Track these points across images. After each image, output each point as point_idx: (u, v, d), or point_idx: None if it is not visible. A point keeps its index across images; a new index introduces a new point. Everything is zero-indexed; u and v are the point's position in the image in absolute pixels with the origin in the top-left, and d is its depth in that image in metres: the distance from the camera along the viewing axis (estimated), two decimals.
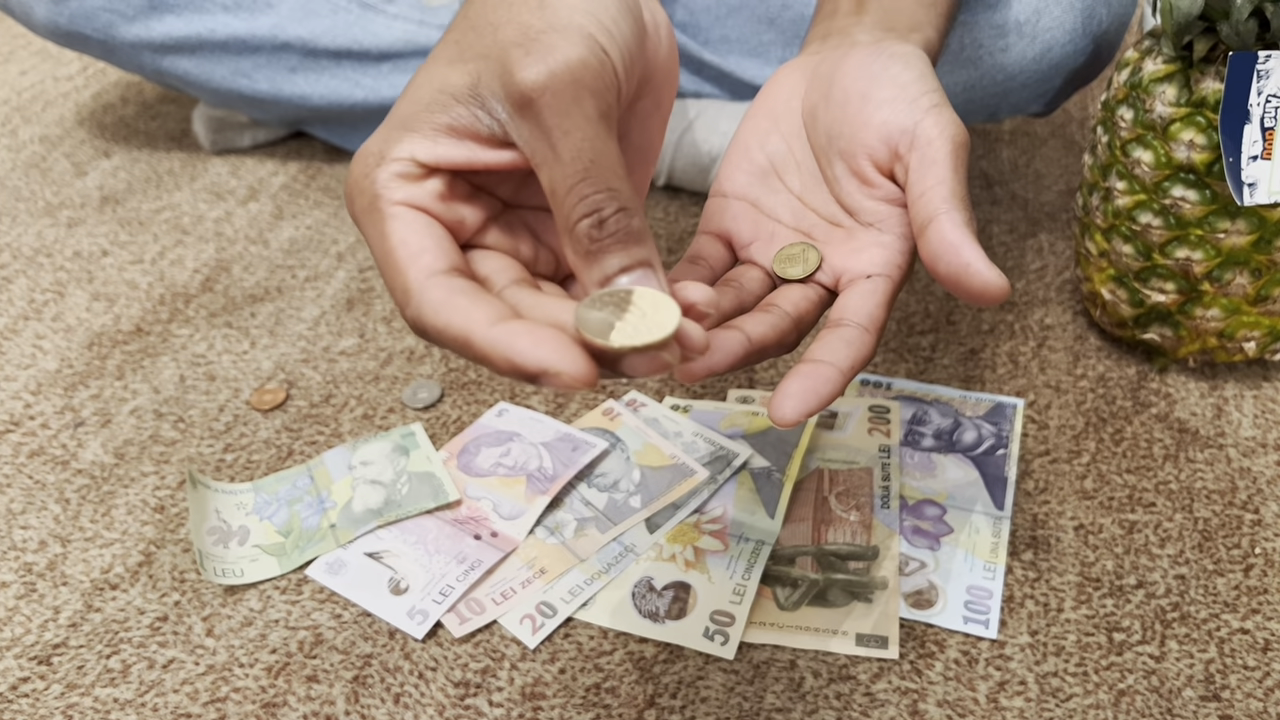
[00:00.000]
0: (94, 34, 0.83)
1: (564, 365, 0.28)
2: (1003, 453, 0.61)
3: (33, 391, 0.69)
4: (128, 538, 0.58)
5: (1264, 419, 0.63)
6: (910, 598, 0.53)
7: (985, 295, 0.36)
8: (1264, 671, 0.49)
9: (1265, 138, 0.55)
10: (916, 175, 0.39)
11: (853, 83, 0.42)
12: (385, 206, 0.32)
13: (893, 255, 0.41)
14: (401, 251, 0.31)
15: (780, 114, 0.45)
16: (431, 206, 0.32)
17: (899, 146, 0.40)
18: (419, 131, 0.32)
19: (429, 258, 0.31)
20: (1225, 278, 0.60)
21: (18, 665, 0.52)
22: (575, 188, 0.31)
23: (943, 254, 0.37)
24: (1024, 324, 0.71)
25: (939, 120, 0.40)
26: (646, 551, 0.55)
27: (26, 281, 0.80)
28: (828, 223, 0.43)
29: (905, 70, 0.42)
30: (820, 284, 0.42)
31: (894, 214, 0.42)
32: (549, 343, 0.28)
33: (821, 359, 0.37)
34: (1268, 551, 0.55)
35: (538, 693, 0.49)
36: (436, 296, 0.30)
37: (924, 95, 0.41)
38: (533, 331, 0.29)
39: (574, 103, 0.31)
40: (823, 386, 0.36)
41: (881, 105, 0.41)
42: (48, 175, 0.94)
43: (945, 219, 0.37)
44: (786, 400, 0.36)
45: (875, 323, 0.39)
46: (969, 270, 0.36)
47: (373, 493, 0.59)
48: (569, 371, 0.28)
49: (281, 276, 0.79)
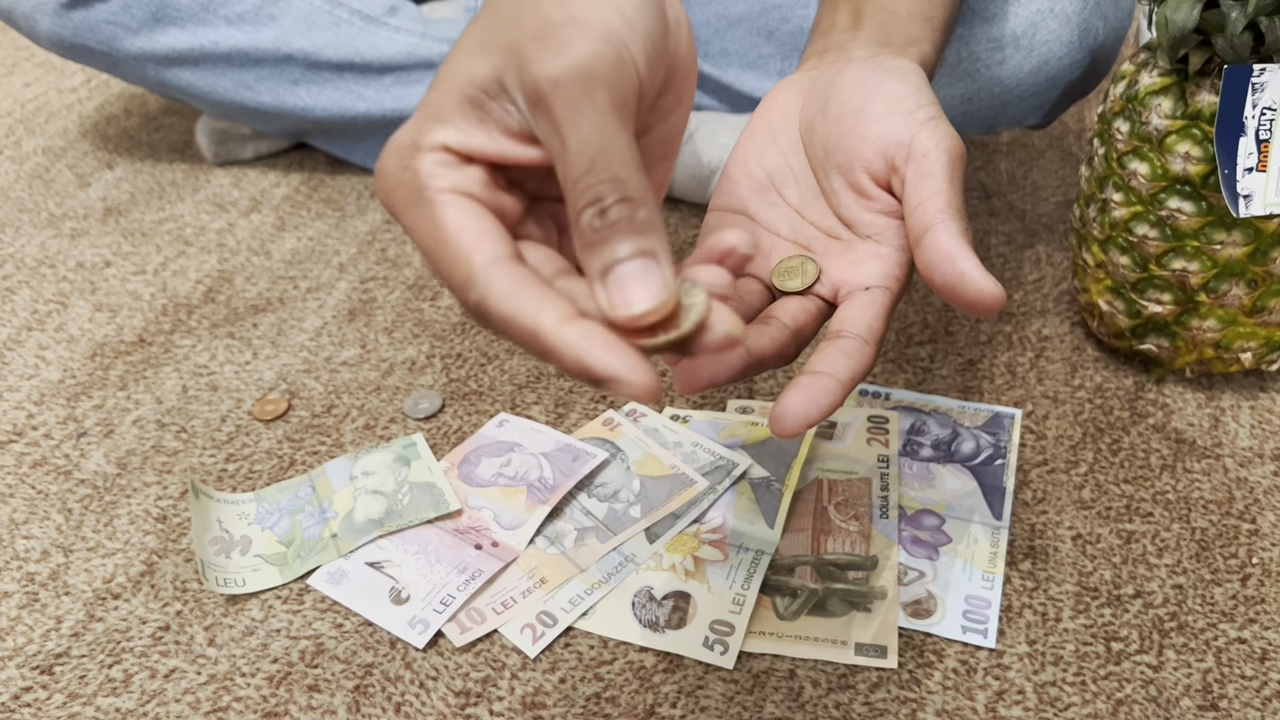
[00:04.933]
0: (98, 46, 0.84)
1: (634, 376, 0.28)
2: (1001, 463, 0.61)
3: (36, 402, 0.69)
4: (130, 547, 0.58)
5: (1261, 429, 0.63)
6: (909, 607, 0.53)
7: (981, 304, 0.36)
8: (1261, 681, 0.49)
9: (1260, 150, 0.56)
10: (913, 187, 0.40)
11: (849, 97, 0.43)
12: (434, 195, 0.31)
13: (891, 267, 0.41)
14: (461, 237, 0.30)
15: (778, 129, 0.46)
16: (480, 194, 0.32)
17: (895, 159, 0.41)
18: (450, 122, 0.32)
19: (491, 242, 0.30)
20: (1221, 289, 0.60)
21: (20, 675, 0.52)
22: (580, 179, 0.30)
23: (939, 264, 0.37)
24: (1022, 335, 0.72)
25: (935, 133, 0.40)
26: (646, 561, 0.56)
27: (30, 292, 0.80)
28: (826, 235, 0.44)
29: (901, 84, 0.42)
30: (819, 296, 0.42)
31: (891, 226, 0.42)
32: (621, 351, 0.28)
33: (822, 370, 0.37)
34: (1265, 561, 0.55)
35: (538, 702, 0.50)
36: (504, 284, 0.30)
37: (920, 109, 0.41)
38: (606, 337, 0.29)
39: (585, 95, 0.30)
40: (823, 398, 0.36)
41: (878, 119, 0.42)
42: (51, 186, 0.94)
43: (941, 229, 0.38)
44: (788, 412, 0.36)
45: (874, 334, 0.39)
46: (965, 279, 0.37)
47: (374, 503, 0.59)
48: (638, 382, 0.28)
49: (283, 287, 0.79)
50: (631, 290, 0.29)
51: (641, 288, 0.29)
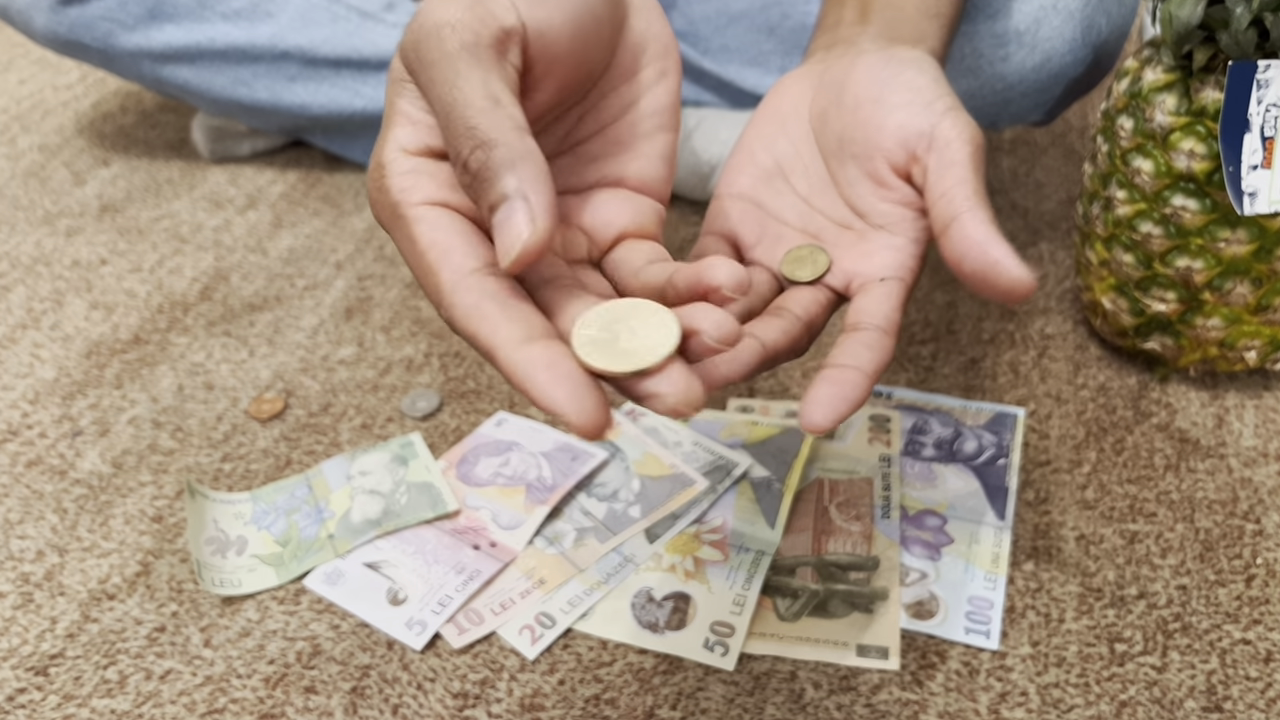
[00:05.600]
0: (93, 43, 0.84)
1: (574, 410, 0.28)
2: (1003, 462, 0.60)
3: (30, 401, 0.69)
4: (125, 548, 0.58)
5: (1265, 429, 0.63)
6: (911, 608, 0.52)
7: (1014, 292, 0.36)
8: (1266, 682, 0.49)
9: (1265, 147, 0.55)
10: (936, 176, 0.39)
11: (865, 87, 0.42)
12: (406, 211, 0.31)
13: (905, 258, 0.41)
14: (432, 254, 0.31)
15: (787, 118, 0.45)
16: (452, 200, 0.32)
17: (917, 149, 0.40)
18: (396, 124, 0.32)
19: (458, 256, 0.30)
20: (1226, 287, 0.60)
21: (14, 676, 0.51)
22: (445, 135, 0.30)
23: (969, 252, 0.37)
24: (1025, 333, 0.71)
25: (956, 122, 0.40)
26: (646, 562, 0.55)
27: (25, 290, 0.79)
28: (836, 225, 0.43)
29: (919, 75, 0.42)
30: (829, 287, 0.42)
31: (906, 216, 0.41)
32: (566, 383, 0.28)
33: (846, 363, 0.37)
34: (1269, 562, 0.55)
35: (537, 704, 0.49)
36: (467, 301, 0.30)
37: (939, 99, 0.41)
38: (553, 367, 0.28)
39: (435, 43, 0.31)
40: (851, 391, 0.36)
41: (896, 108, 0.41)
42: (47, 184, 0.94)
43: (969, 217, 0.37)
44: (817, 407, 0.35)
45: (893, 325, 0.39)
46: (998, 267, 0.36)
47: (371, 503, 0.59)
48: (576, 417, 0.28)
49: (280, 285, 0.79)
50: (508, 234, 0.29)
51: (507, 235, 0.29)
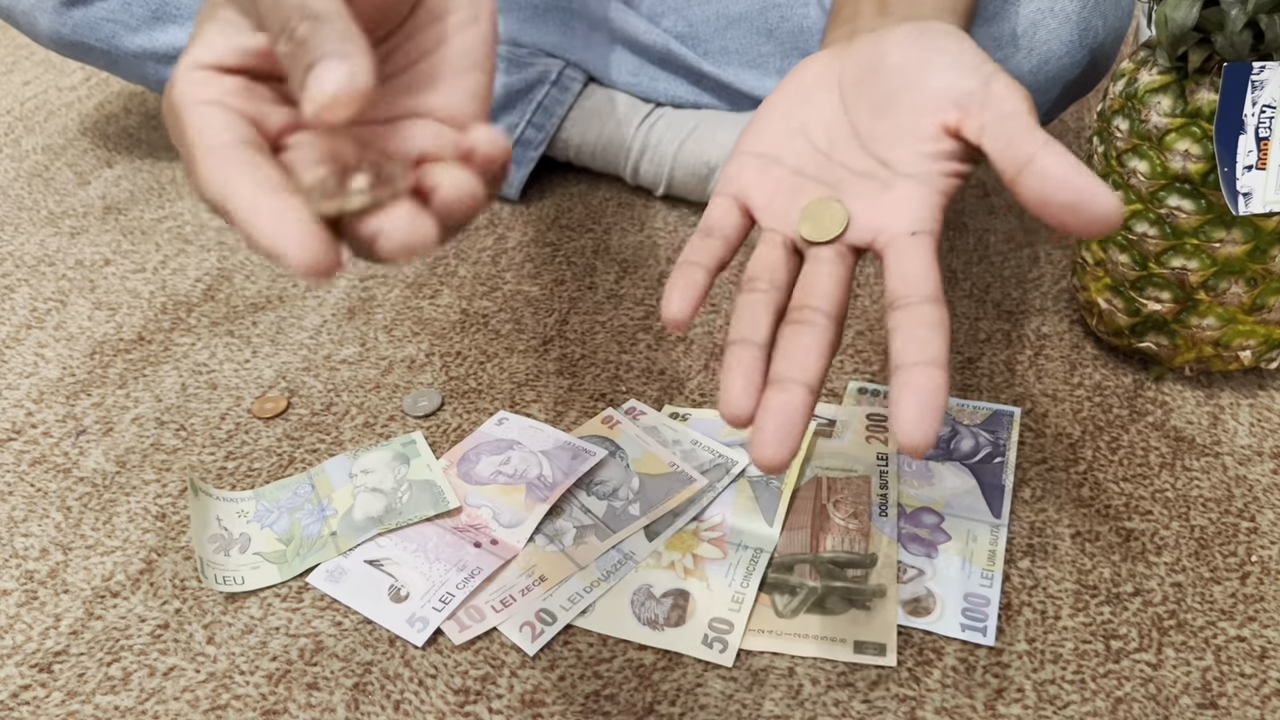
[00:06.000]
0: (97, 44, 0.84)
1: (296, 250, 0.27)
2: (1000, 461, 0.61)
3: (35, 400, 0.69)
4: (129, 545, 0.58)
5: (1260, 427, 0.63)
6: (908, 605, 0.53)
7: (1108, 220, 0.35)
8: (1260, 679, 0.49)
9: (1260, 148, 0.56)
10: (998, 127, 0.38)
11: (904, 54, 0.42)
12: (184, 110, 0.32)
13: (933, 210, 0.40)
14: (192, 133, 0.31)
15: (812, 88, 0.45)
16: (235, 102, 0.32)
17: (970, 106, 0.40)
18: (193, 47, 0.33)
19: (214, 131, 0.31)
20: (1221, 287, 0.60)
21: (19, 673, 0.52)
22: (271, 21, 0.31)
23: (1054, 187, 0.35)
24: (1020, 333, 0.72)
25: (1007, 81, 0.39)
26: (645, 559, 0.56)
27: (29, 290, 0.80)
28: (856, 174, 0.42)
29: (959, 43, 0.41)
30: (851, 245, 0.41)
31: (936, 169, 0.40)
32: (296, 226, 0.28)
33: (918, 359, 0.35)
34: (1264, 559, 0.55)
35: (537, 700, 0.50)
36: (213, 165, 0.30)
37: (983, 64, 0.40)
38: (292, 211, 0.28)
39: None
40: (935, 397, 0.34)
41: (944, 70, 0.41)
42: (50, 185, 0.94)
43: (1044, 153, 0.36)
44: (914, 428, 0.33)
45: (940, 289, 0.37)
46: (1088, 195, 0.35)
47: (373, 500, 0.59)
48: (295, 255, 0.27)
49: (283, 285, 0.79)
50: (324, 79, 0.29)
51: (331, 75, 0.29)
